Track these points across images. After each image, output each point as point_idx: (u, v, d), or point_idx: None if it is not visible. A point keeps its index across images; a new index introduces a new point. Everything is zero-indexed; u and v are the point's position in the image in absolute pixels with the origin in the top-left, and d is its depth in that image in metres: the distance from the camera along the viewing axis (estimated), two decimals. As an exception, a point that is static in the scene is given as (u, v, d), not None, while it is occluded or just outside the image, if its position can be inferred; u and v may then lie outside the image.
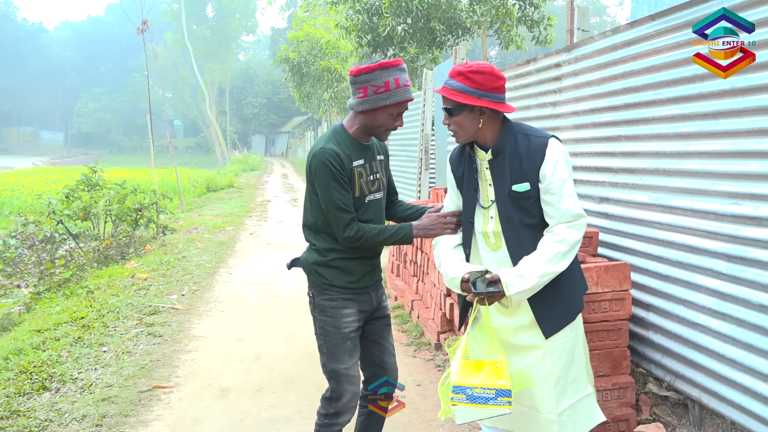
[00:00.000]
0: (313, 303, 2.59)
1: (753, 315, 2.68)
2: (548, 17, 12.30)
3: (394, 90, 2.38)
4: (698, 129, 3.00)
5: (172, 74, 56.93)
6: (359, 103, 2.42)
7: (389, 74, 2.37)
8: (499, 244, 2.36)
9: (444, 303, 4.54)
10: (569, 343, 2.35)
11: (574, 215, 2.24)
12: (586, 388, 2.40)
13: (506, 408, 2.06)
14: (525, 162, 2.27)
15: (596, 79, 3.85)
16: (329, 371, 2.55)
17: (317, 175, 2.40)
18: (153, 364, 4.48)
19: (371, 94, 2.38)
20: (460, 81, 2.27)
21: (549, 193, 2.25)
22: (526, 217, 2.30)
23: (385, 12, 11.41)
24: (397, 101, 2.40)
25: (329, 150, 2.39)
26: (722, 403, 2.86)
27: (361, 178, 2.49)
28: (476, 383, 2.10)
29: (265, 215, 13.44)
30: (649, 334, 3.37)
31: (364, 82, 2.38)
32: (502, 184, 2.32)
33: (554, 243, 2.22)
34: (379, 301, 2.69)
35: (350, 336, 2.55)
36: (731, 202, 2.81)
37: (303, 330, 5.28)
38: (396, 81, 2.38)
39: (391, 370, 2.74)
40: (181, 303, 6.13)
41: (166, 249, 9.01)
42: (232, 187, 21.10)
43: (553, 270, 2.20)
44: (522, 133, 2.33)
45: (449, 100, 2.29)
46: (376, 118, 2.44)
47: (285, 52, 22.72)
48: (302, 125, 49.23)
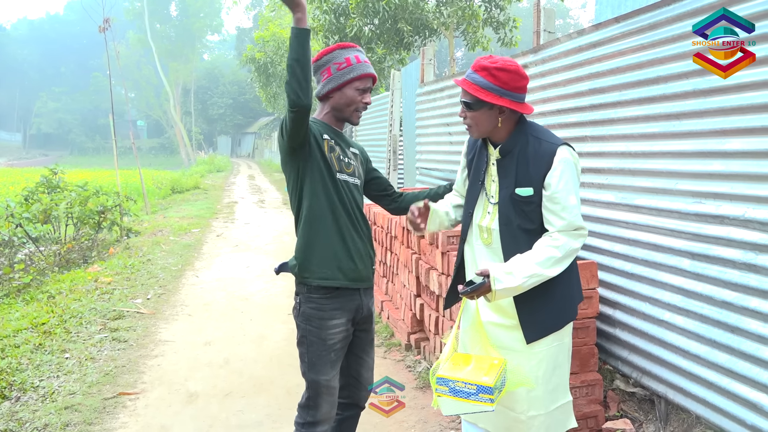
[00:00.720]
0: (298, 310, 2.48)
1: (716, 311, 2.74)
2: (513, 19, 12.43)
3: (356, 64, 2.42)
4: (662, 130, 3.06)
5: (135, 74, 55.87)
6: (324, 85, 2.44)
7: (348, 52, 2.44)
8: (490, 240, 2.33)
9: (414, 304, 4.54)
10: (553, 350, 2.29)
11: (575, 227, 2.18)
12: (566, 396, 2.36)
13: (487, 405, 2.03)
14: (532, 167, 2.21)
15: (563, 81, 3.90)
16: (309, 381, 2.47)
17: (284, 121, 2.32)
18: (118, 370, 4.38)
19: (334, 71, 2.41)
20: (483, 76, 2.21)
21: (552, 201, 2.18)
22: (525, 222, 2.24)
23: (352, 12, 11.38)
24: (361, 74, 2.43)
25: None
26: (687, 398, 2.92)
27: (332, 152, 2.44)
28: (459, 377, 2.07)
29: (232, 217, 13.28)
30: (616, 332, 3.43)
31: (325, 63, 2.43)
32: (507, 185, 2.27)
33: (549, 247, 2.16)
34: (369, 310, 2.60)
35: (335, 348, 2.46)
36: (694, 201, 2.87)
37: (272, 333, 5.23)
38: (356, 57, 2.43)
39: (366, 384, 2.68)
40: (147, 307, 6.01)
41: (131, 252, 8.83)
42: (197, 189, 20.82)
43: (543, 273, 2.14)
44: (534, 136, 2.26)
45: (469, 94, 2.24)
46: (344, 96, 2.44)
47: (251, 52, 22.50)
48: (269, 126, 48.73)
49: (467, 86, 2.23)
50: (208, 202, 16.28)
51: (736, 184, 2.65)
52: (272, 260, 8.39)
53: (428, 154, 7.01)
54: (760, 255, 2.52)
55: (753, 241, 2.55)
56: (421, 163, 7.32)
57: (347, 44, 2.48)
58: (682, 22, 2.90)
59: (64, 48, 69.24)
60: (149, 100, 59.11)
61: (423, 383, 4.02)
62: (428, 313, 4.29)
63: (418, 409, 3.69)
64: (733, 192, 2.66)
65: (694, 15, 2.82)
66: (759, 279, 2.53)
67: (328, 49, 2.45)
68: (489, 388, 2.01)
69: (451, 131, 6.16)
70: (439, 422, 3.52)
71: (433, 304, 4.17)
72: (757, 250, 2.53)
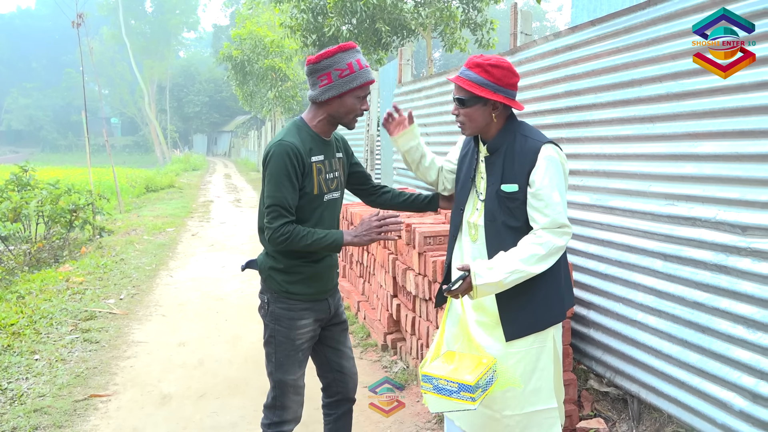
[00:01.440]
0: (266, 309, 2.45)
1: (688, 312, 2.78)
2: (491, 21, 12.48)
3: (358, 71, 2.29)
4: (636, 132, 3.10)
5: (109, 70, 55.01)
6: (324, 91, 2.30)
7: (350, 56, 2.29)
8: (476, 237, 2.35)
9: (390, 304, 4.54)
10: (533, 352, 2.28)
11: (558, 224, 2.19)
12: (550, 401, 2.32)
13: (469, 404, 2.03)
14: (517, 163, 2.25)
15: (539, 82, 3.93)
16: (275, 380, 2.45)
17: (271, 167, 2.25)
18: (89, 372, 4.30)
19: (336, 78, 2.27)
20: (477, 73, 2.23)
21: (536, 198, 2.20)
22: (510, 219, 2.26)
23: (330, 12, 11.34)
24: (363, 82, 2.31)
25: (288, 143, 2.26)
26: (659, 398, 2.96)
27: (320, 175, 2.37)
28: (443, 375, 2.09)
29: (207, 216, 13.16)
30: (590, 332, 3.46)
31: (326, 68, 2.27)
32: (493, 181, 2.30)
33: (533, 244, 2.18)
34: (336, 308, 2.61)
35: (302, 348, 2.46)
36: (667, 203, 2.91)
37: (247, 333, 5.19)
38: (358, 62, 2.29)
39: (351, 374, 2.67)
40: (119, 307, 5.91)
41: (103, 251, 8.69)
42: (172, 187, 20.58)
43: (525, 270, 2.15)
44: (522, 134, 2.29)
45: (464, 90, 2.25)
46: (344, 104, 2.33)
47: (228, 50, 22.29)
48: (245, 124, 48.42)
49: (462, 83, 2.24)
50: (183, 201, 16.09)
51: (707, 187, 2.69)
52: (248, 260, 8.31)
53: (405, 155, 6.99)
54: (731, 257, 2.56)
55: (724, 243, 2.59)
56: (398, 163, 7.32)
57: (348, 45, 2.31)
58: (656, 26, 2.94)
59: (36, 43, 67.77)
60: (123, 97, 58.24)
61: (400, 384, 4.02)
62: (405, 314, 4.29)
63: (394, 410, 3.69)
64: (705, 194, 2.70)
65: (669, 19, 2.86)
66: (729, 280, 2.57)
67: (329, 51, 2.27)
68: (470, 386, 2.02)
69: (428, 131, 6.17)
70: (415, 423, 3.52)
71: (410, 305, 4.17)
72: (728, 251, 2.58)
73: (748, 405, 2.46)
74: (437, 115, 5.91)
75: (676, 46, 2.82)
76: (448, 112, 5.62)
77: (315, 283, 2.45)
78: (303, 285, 2.42)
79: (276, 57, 20.63)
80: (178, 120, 57.42)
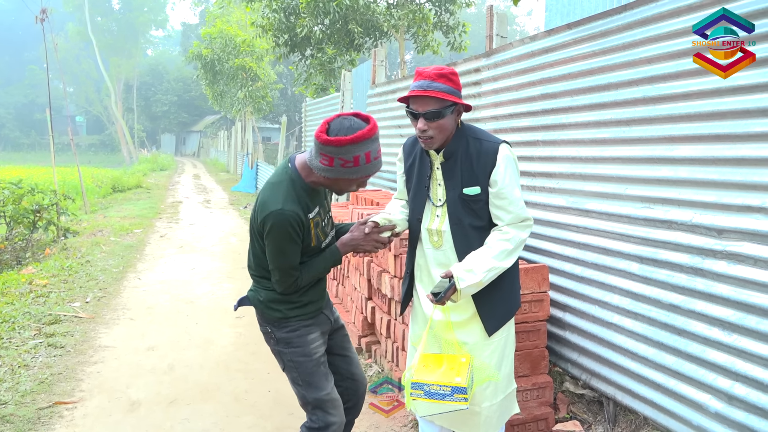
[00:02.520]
0: (274, 338, 2.40)
1: (664, 314, 2.80)
2: (463, 24, 12.54)
3: (363, 165, 2.14)
4: (613, 135, 3.11)
5: (74, 68, 53.83)
6: (323, 170, 2.16)
7: (360, 149, 2.10)
8: (440, 242, 2.40)
9: (365, 307, 4.49)
10: (502, 341, 2.42)
11: (521, 218, 2.30)
12: (512, 383, 2.50)
13: (462, 404, 2.11)
14: (476, 166, 2.30)
15: (515, 85, 3.93)
16: (312, 401, 2.38)
17: (273, 236, 2.18)
18: (54, 378, 4.16)
19: (337, 166, 2.12)
20: (444, 83, 2.23)
21: (499, 197, 2.29)
22: (475, 220, 2.33)
23: (303, 12, 11.25)
24: (364, 175, 2.20)
25: (291, 213, 2.16)
26: (635, 400, 2.98)
27: (318, 228, 2.34)
28: (433, 380, 2.14)
29: (176, 217, 12.93)
30: (566, 334, 3.47)
31: (331, 153, 2.10)
32: (453, 186, 2.34)
33: (501, 240, 2.27)
34: (334, 317, 2.60)
35: (322, 360, 2.43)
36: (643, 206, 2.93)
37: (219, 337, 5.09)
38: (366, 156, 2.12)
39: (361, 380, 2.66)
40: (85, 311, 5.75)
41: (68, 253, 8.46)
42: (140, 188, 20.21)
43: (499, 266, 2.24)
44: (473, 137, 2.34)
45: (438, 101, 2.21)
46: (337, 185, 2.26)
47: (197, 49, 21.96)
48: (215, 124, 47.82)
49: (437, 94, 2.20)
50: (151, 202, 15.80)
51: (684, 190, 2.71)
52: (219, 262, 8.20)
53: (379, 156, 6.96)
54: (707, 259, 2.58)
55: (700, 246, 2.62)
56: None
57: (363, 136, 2.07)
58: (632, 30, 2.96)
59: (-2, 39, 66.03)
60: (89, 95, 57.02)
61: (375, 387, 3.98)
62: (380, 316, 4.25)
63: (370, 414, 3.64)
64: (681, 198, 2.72)
65: (645, 23, 2.89)
66: (705, 283, 2.59)
67: (341, 140, 2.06)
68: (463, 388, 2.10)
69: (402, 133, 6.15)
70: (391, 426, 3.48)
71: (385, 307, 4.13)
72: (704, 254, 2.60)
73: (723, 407, 2.48)
74: (412, 117, 5.88)
75: (653, 50, 2.85)
76: (422, 114, 5.59)
77: (314, 303, 2.45)
78: (303, 308, 2.40)
79: (247, 56, 20.41)
80: (146, 119, 56.41)
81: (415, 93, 2.23)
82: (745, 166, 2.45)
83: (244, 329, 5.30)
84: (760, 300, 2.36)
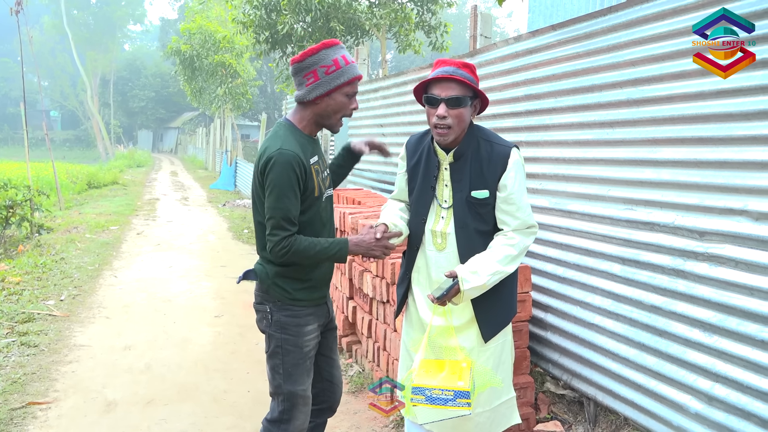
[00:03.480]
0: (270, 319, 2.34)
1: (645, 315, 2.82)
2: (444, 24, 12.55)
3: (345, 67, 2.20)
4: (596, 137, 3.13)
5: (49, 61, 52.83)
6: (311, 90, 2.20)
7: (335, 52, 2.20)
8: (444, 245, 2.33)
9: (346, 306, 4.47)
10: (498, 347, 2.37)
11: (528, 225, 2.27)
12: (510, 392, 2.44)
13: (465, 409, 2.06)
14: (486, 169, 2.24)
15: (498, 85, 3.93)
16: (286, 393, 2.34)
17: (274, 178, 2.14)
18: (27, 378, 4.06)
19: (322, 75, 2.18)
20: (468, 72, 2.20)
21: (508, 203, 2.24)
22: (481, 224, 2.28)
23: (284, 9, 11.16)
24: (352, 77, 2.22)
25: (290, 152, 2.15)
26: (616, 400, 2.99)
27: (318, 176, 2.29)
28: (435, 384, 2.09)
29: (153, 214, 12.76)
30: (547, 335, 3.48)
31: (311, 66, 2.18)
32: (461, 188, 2.28)
33: (506, 245, 2.23)
34: (332, 311, 2.57)
35: (310, 355, 2.38)
36: (626, 207, 2.95)
37: (197, 336, 5.02)
38: (343, 58, 2.20)
39: (339, 383, 2.63)
40: (60, 309, 5.64)
41: (42, 250, 8.30)
42: (116, 184, 19.94)
43: (503, 270, 2.21)
44: (485, 138, 2.29)
45: (464, 87, 2.18)
46: (332, 102, 2.24)
47: (176, 44, 21.69)
48: (193, 121, 47.30)
49: (463, 80, 2.17)
50: (127, 199, 15.59)
51: (666, 192, 2.73)
52: (197, 260, 8.10)
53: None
54: (688, 261, 2.60)
55: (681, 248, 2.64)
56: (353, 163, 7.23)
57: (331, 42, 2.21)
58: (617, 33, 2.98)
59: (-30, 31, 64.62)
60: (64, 89, 56.05)
61: (355, 387, 3.96)
62: (361, 316, 4.23)
63: (351, 414, 3.62)
64: (663, 200, 2.74)
65: (629, 26, 2.90)
66: (686, 284, 2.61)
67: (312, 49, 2.18)
68: (467, 392, 2.06)
69: (384, 132, 6.13)
70: (372, 427, 3.46)
71: (366, 307, 4.11)
72: (685, 256, 2.62)
73: (703, 407, 2.51)
74: (394, 116, 5.87)
75: (636, 53, 2.86)
76: (404, 113, 5.59)
77: (322, 286, 2.41)
78: (311, 290, 2.36)
79: (226, 53, 20.23)
80: (123, 115, 55.64)
81: (441, 76, 2.18)
82: (727, 169, 2.47)
83: (222, 328, 5.24)
84: (740, 302, 2.38)
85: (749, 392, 2.34)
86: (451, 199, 2.31)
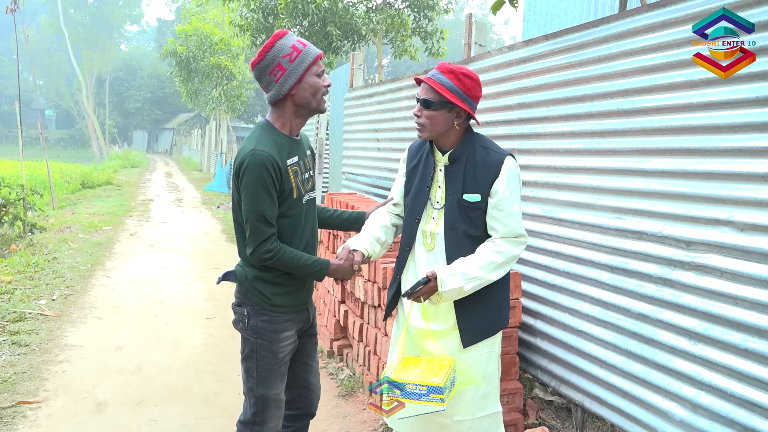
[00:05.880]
0: (246, 323, 2.34)
1: (632, 323, 2.85)
2: (441, 30, 12.61)
3: (304, 49, 2.23)
4: (587, 146, 3.17)
5: (45, 60, 52.68)
6: (283, 83, 2.21)
7: (288, 40, 2.23)
8: (433, 246, 2.37)
9: (338, 310, 4.49)
10: (483, 357, 2.36)
11: (516, 234, 2.29)
12: (495, 406, 2.42)
13: (438, 405, 2.08)
14: (479, 174, 2.29)
15: (492, 93, 3.96)
16: (259, 396, 2.35)
17: (247, 179, 2.16)
18: (17, 377, 4.06)
19: (287, 64, 2.20)
20: (450, 78, 2.26)
21: (497, 209, 2.27)
22: (470, 228, 2.31)
23: (281, 13, 11.20)
24: (315, 56, 2.24)
25: (263, 153, 2.15)
26: (603, 407, 3.02)
27: (297, 178, 2.30)
28: (410, 379, 2.11)
29: (147, 215, 12.75)
30: (536, 341, 3.51)
31: (273, 60, 2.20)
32: (454, 190, 2.33)
33: (492, 252, 2.25)
34: (312, 317, 2.58)
35: (285, 360, 2.39)
36: (615, 216, 2.98)
37: (189, 338, 5.03)
38: (299, 42, 2.24)
39: (316, 390, 2.63)
40: (51, 309, 5.63)
41: (35, 249, 8.29)
42: (110, 185, 19.87)
43: (485, 277, 2.22)
44: (481, 145, 2.34)
45: (434, 92, 2.26)
46: (307, 86, 2.25)
47: (172, 46, 21.69)
48: (188, 122, 47.24)
49: (434, 84, 2.26)
50: (121, 199, 15.56)
51: (654, 202, 2.77)
52: (190, 262, 8.10)
53: (355, 160, 6.97)
54: (675, 270, 2.64)
55: (668, 257, 2.67)
56: (347, 168, 7.28)
57: (282, 32, 2.24)
58: (608, 44, 3.02)
59: (-34, 28, 64.36)
60: (60, 88, 55.86)
61: (345, 391, 3.97)
62: (352, 320, 4.25)
63: (341, 418, 3.64)
64: (652, 209, 2.77)
65: (621, 38, 2.94)
66: (673, 293, 2.65)
67: (267, 45, 2.20)
68: (439, 388, 2.06)
69: (379, 137, 6.16)
70: (360, 431, 3.48)
71: (358, 311, 4.13)
72: (673, 265, 2.66)
73: (688, 415, 2.54)
74: (389, 121, 5.90)
75: (627, 64, 2.90)
76: (399, 119, 5.62)
77: (302, 293, 2.41)
78: (290, 296, 2.36)
79: (222, 55, 20.24)
80: (118, 115, 55.47)
81: (418, 77, 2.34)
82: (714, 180, 2.51)
83: (214, 330, 5.25)
84: (725, 311, 2.42)
85: (733, 400, 2.37)
86: (443, 200, 2.35)
